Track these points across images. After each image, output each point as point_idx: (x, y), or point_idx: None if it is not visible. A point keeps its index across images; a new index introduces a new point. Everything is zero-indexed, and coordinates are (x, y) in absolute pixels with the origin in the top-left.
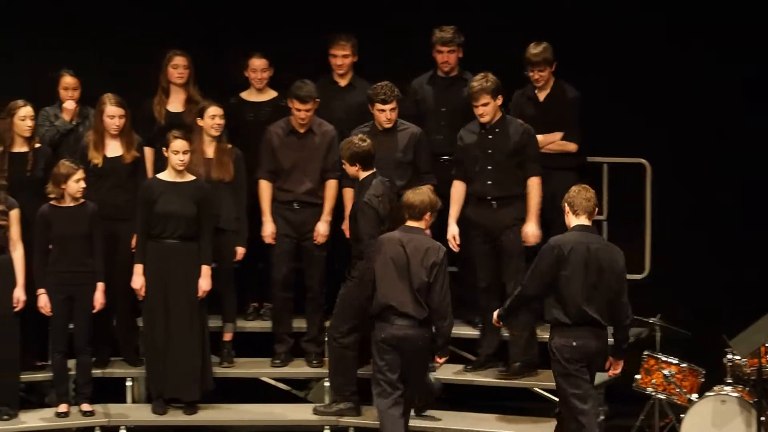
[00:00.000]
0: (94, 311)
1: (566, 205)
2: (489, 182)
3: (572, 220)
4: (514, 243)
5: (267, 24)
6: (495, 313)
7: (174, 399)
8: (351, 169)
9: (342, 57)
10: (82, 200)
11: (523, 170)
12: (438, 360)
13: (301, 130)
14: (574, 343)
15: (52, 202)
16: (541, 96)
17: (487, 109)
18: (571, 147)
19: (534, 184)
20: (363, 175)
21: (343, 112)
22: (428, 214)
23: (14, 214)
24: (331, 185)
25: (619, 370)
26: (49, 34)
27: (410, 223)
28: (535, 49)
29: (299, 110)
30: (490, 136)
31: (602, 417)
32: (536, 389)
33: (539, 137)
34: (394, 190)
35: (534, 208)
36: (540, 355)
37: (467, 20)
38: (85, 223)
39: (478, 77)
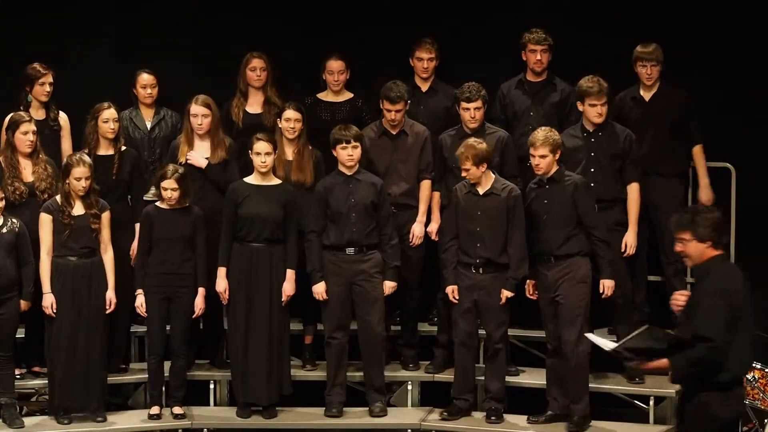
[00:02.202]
0: (194, 316)
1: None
2: (591, 185)
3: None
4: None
5: (345, 25)
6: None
7: (253, 402)
8: (477, 171)
9: (428, 60)
10: (187, 203)
11: (623, 175)
12: None
13: (394, 131)
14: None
15: (156, 203)
16: (647, 96)
17: (605, 109)
18: (697, 149)
19: (634, 190)
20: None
21: (425, 116)
22: None
23: (106, 216)
24: (426, 186)
25: None
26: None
27: None
28: (645, 47)
29: (389, 111)
30: (593, 139)
31: None
32: None
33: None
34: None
35: (634, 216)
36: None
37: (558, 22)
38: (188, 227)
39: (592, 78)
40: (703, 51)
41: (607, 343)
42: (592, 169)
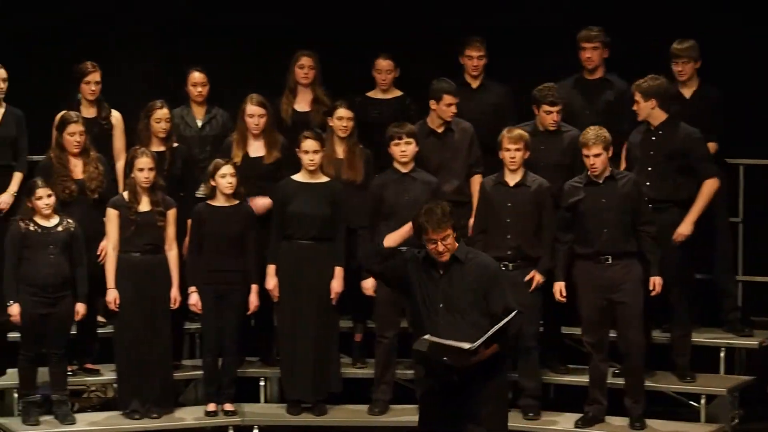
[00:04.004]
0: (249, 313)
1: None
2: (647, 183)
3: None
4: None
5: (393, 24)
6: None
7: (301, 399)
8: (646, 105)
9: (477, 58)
10: (237, 201)
11: (687, 174)
12: None
13: (440, 130)
14: None
15: (207, 201)
16: (687, 93)
17: (638, 107)
18: (710, 146)
19: (707, 185)
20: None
21: (476, 113)
22: None
23: (171, 213)
24: (477, 180)
25: None
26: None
27: None
28: (680, 44)
29: (450, 105)
30: (653, 138)
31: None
32: None
33: None
34: (550, 192)
35: (697, 208)
36: None
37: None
38: (238, 224)
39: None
40: (753, 49)
41: (462, 344)
42: (649, 168)
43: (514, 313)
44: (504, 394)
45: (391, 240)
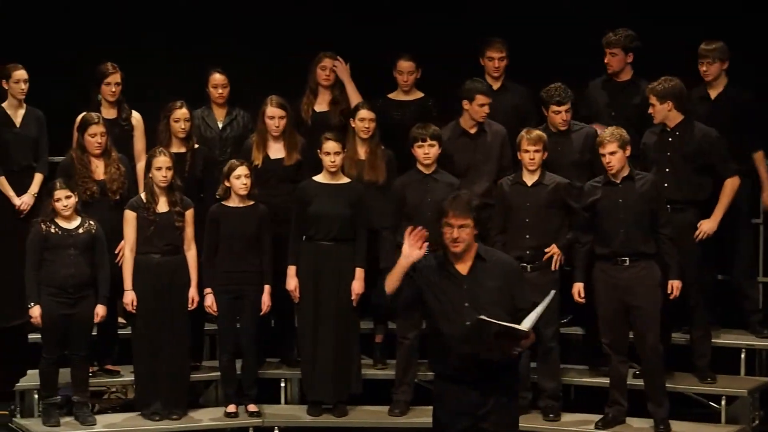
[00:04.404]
0: (261, 314)
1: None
2: (665, 185)
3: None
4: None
5: (414, 24)
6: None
7: (321, 400)
8: (662, 108)
9: (498, 60)
10: (251, 201)
11: (706, 175)
12: None
13: (472, 131)
14: None
15: (222, 202)
16: (713, 94)
17: (654, 110)
18: (758, 155)
19: (729, 185)
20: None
21: (497, 114)
22: None
23: (190, 214)
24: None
25: None
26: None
27: None
28: (707, 45)
29: (483, 105)
30: (670, 139)
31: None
32: None
33: None
34: (575, 191)
35: (722, 205)
36: None
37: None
38: (254, 224)
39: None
40: None
41: (517, 326)
42: (667, 169)
43: (552, 293)
44: (515, 391)
45: (390, 283)
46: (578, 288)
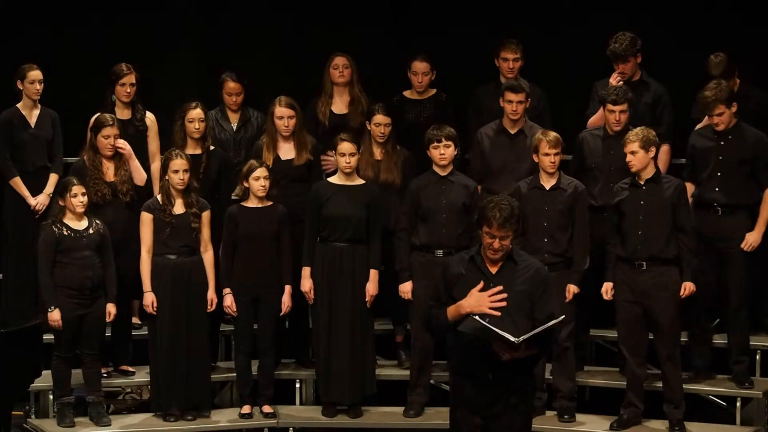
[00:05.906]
0: (282, 314)
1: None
2: (716, 189)
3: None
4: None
5: (430, 25)
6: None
7: (336, 401)
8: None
9: (513, 60)
10: (270, 202)
11: (756, 180)
12: None
13: (512, 130)
14: None
15: (240, 203)
16: None
17: (722, 119)
18: None
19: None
20: None
21: None
22: None
23: (205, 215)
24: None
25: None
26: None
27: None
28: (715, 58)
29: (511, 102)
30: (723, 143)
31: None
32: None
33: None
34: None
35: (764, 217)
36: None
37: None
38: (273, 224)
39: (711, 86)
40: None
41: (508, 336)
42: (719, 173)
43: (560, 318)
44: (529, 395)
45: (448, 319)
46: (607, 287)
